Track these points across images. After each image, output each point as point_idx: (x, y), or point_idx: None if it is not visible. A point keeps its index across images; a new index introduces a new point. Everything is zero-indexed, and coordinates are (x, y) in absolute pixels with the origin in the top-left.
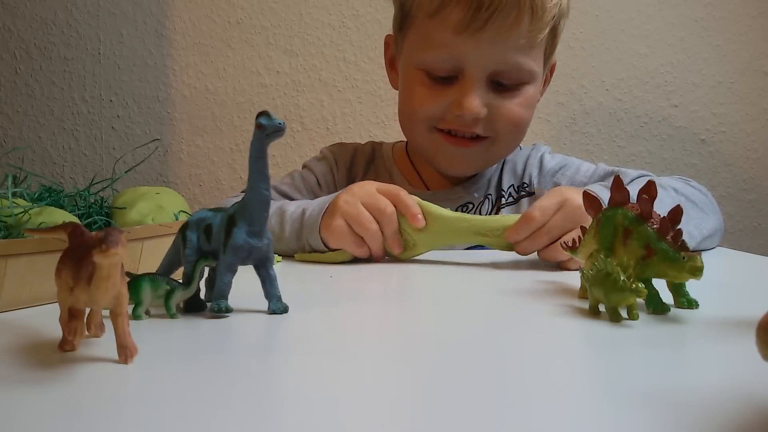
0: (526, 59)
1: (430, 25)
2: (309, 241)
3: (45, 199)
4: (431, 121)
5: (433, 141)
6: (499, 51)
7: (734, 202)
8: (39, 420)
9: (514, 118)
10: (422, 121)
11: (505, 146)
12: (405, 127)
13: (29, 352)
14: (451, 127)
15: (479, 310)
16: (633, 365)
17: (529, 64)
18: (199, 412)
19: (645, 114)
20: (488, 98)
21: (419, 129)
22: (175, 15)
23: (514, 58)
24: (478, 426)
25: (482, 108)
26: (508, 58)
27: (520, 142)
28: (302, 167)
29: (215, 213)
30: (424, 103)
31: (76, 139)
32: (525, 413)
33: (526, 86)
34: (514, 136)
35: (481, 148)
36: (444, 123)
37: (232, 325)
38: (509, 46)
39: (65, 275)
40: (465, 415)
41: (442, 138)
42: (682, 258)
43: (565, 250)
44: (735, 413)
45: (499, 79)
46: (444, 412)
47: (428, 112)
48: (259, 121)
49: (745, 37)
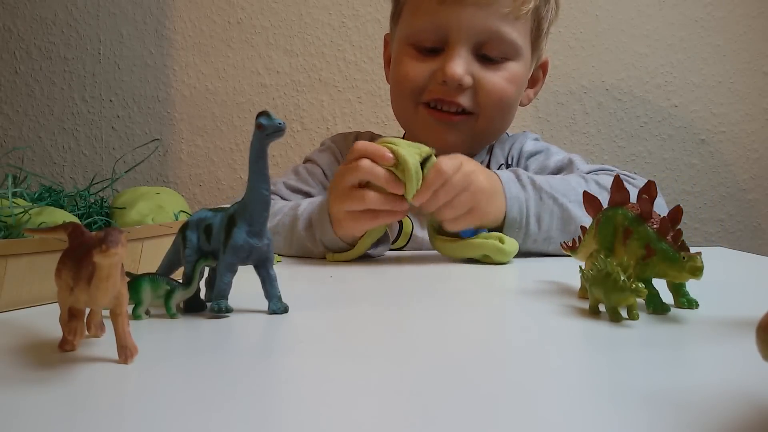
0: (509, 29)
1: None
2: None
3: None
4: (417, 93)
5: (419, 117)
6: (482, 18)
7: (734, 202)
8: (39, 420)
9: (498, 91)
10: (409, 96)
11: (488, 123)
12: (396, 108)
13: (29, 352)
14: (436, 97)
15: (479, 310)
16: (633, 365)
17: (512, 35)
18: (199, 412)
19: (645, 114)
20: (473, 68)
21: (407, 105)
22: (175, 15)
23: (497, 26)
24: (478, 426)
25: (466, 76)
26: (491, 25)
27: (506, 123)
28: (304, 161)
29: (215, 213)
30: (410, 73)
31: (76, 139)
32: (525, 413)
33: (511, 62)
34: (498, 113)
35: (466, 124)
36: (429, 93)
37: (232, 325)
38: (492, 14)
39: (65, 275)
40: (465, 414)
41: (427, 113)
42: (682, 258)
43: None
44: (735, 413)
45: (484, 52)
46: (444, 412)
47: (415, 82)
48: (259, 121)
49: (745, 37)
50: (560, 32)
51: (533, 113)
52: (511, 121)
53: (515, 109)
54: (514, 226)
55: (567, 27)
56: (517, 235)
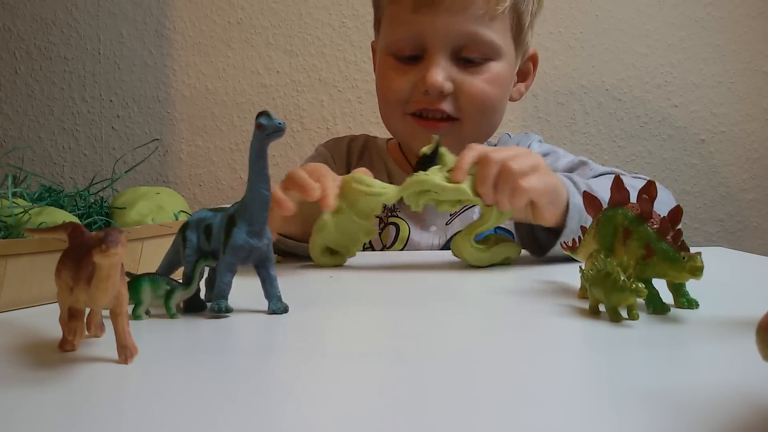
0: (486, 30)
1: (392, 9)
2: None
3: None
4: (402, 104)
5: (407, 126)
6: (456, 23)
7: (734, 202)
8: (39, 420)
9: (479, 94)
10: (395, 106)
11: (474, 128)
12: (384, 118)
13: (29, 351)
14: (420, 107)
15: (480, 310)
16: (633, 365)
17: (490, 36)
18: (199, 411)
19: (645, 114)
20: (453, 73)
21: (394, 116)
22: (175, 15)
23: (472, 29)
24: (478, 425)
25: (446, 82)
26: (466, 29)
27: (493, 125)
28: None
29: (215, 213)
30: (394, 85)
31: (76, 139)
32: (525, 413)
33: (492, 63)
34: (481, 116)
35: (452, 130)
36: (413, 104)
37: (232, 325)
38: (467, 18)
39: (65, 275)
40: (465, 414)
41: (414, 122)
42: (682, 258)
43: (565, 250)
44: (735, 413)
45: (464, 55)
46: (444, 412)
47: (398, 95)
48: (259, 121)
49: (745, 37)
50: (560, 32)
51: (533, 113)
52: (499, 121)
53: (502, 109)
54: (569, 237)
55: (567, 27)
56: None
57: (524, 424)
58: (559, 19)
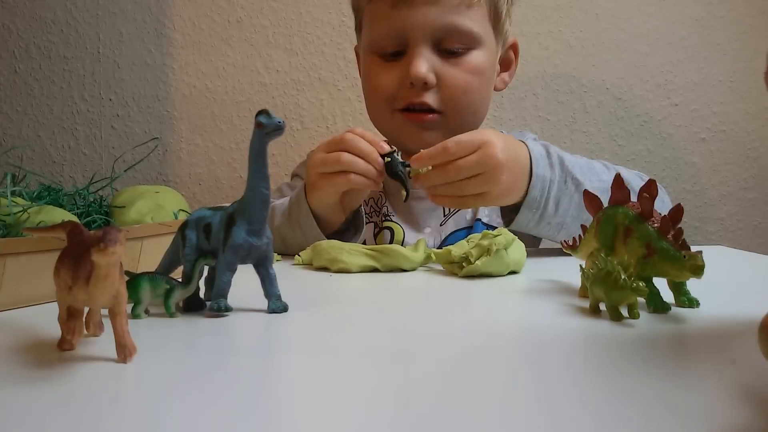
0: (464, 20)
1: (372, 8)
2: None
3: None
4: (390, 101)
5: (396, 123)
6: (434, 15)
7: (735, 201)
8: (38, 419)
9: (462, 85)
10: (383, 104)
11: (461, 117)
12: (372, 118)
13: (28, 351)
14: (407, 102)
15: (479, 309)
16: (633, 364)
17: (468, 25)
18: (198, 411)
19: (645, 113)
20: (435, 64)
21: (383, 114)
22: (174, 14)
23: (451, 19)
24: (478, 425)
25: (429, 74)
26: (445, 20)
27: (479, 114)
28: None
29: (214, 212)
30: (380, 82)
31: (76, 138)
32: (525, 412)
33: (475, 51)
34: (464, 107)
35: (439, 122)
36: (400, 100)
37: (232, 324)
38: (444, 8)
39: (64, 274)
40: (465, 414)
41: (402, 117)
42: (683, 257)
43: (565, 249)
44: (735, 413)
45: (445, 46)
46: (444, 412)
47: (385, 91)
48: (258, 120)
49: (746, 36)
50: (560, 31)
51: (533, 112)
52: (485, 110)
53: (487, 98)
54: (533, 206)
55: (567, 26)
56: (533, 215)
57: (524, 423)
58: (559, 18)
